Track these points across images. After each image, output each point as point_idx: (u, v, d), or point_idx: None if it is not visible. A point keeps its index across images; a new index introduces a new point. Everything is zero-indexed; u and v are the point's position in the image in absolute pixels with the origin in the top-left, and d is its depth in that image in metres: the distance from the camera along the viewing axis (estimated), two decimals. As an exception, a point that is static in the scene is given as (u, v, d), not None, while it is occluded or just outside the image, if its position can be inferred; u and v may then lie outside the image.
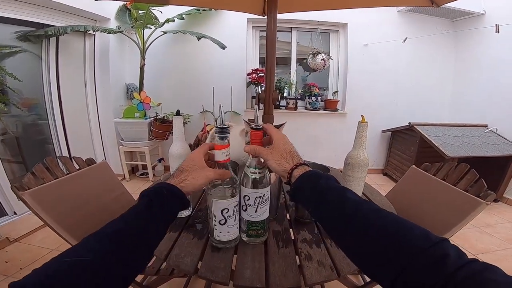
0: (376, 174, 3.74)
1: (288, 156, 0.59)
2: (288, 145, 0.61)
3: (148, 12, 2.70)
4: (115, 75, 3.05)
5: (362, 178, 1.02)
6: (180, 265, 0.72)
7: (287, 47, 3.63)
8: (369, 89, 3.52)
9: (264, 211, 0.70)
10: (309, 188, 0.52)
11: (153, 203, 0.50)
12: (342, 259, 0.74)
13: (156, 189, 0.53)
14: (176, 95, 3.37)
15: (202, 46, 3.15)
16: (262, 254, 0.77)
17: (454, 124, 3.11)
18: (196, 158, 0.61)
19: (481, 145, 2.71)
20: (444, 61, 3.55)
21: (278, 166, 0.59)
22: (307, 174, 0.55)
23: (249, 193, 0.68)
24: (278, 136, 0.63)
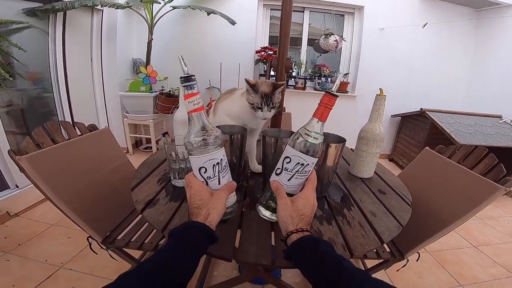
0: (382, 159, 3.69)
1: (296, 218, 0.56)
2: (305, 208, 0.57)
3: None
4: (122, 50, 3.00)
5: (376, 154, 0.97)
6: None
7: (299, 28, 3.55)
8: (382, 73, 3.43)
9: (297, 184, 0.60)
10: (307, 252, 0.51)
11: (183, 241, 0.51)
12: (355, 238, 0.69)
13: (185, 228, 0.53)
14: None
15: (211, 22, 3.07)
16: (268, 227, 0.72)
17: (467, 113, 3.02)
18: (201, 188, 0.59)
19: (494, 135, 2.63)
20: (462, 50, 3.43)
21: (282, 223, 0.57)
22: (307, 238, 0.52)
23: (293, 155, 0.58)
24: (304, 195, 0.60)
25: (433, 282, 1.59)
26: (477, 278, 1.63)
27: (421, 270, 1.67)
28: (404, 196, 0.95)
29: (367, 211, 0.83)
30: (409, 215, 0.83)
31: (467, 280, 1.61)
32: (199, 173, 0.58)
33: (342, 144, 0.78)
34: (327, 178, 0.83)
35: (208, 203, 0.57)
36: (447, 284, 1.58)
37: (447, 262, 1.76)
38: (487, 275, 1.67)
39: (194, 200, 0.57)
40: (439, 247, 1.90)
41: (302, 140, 0.58)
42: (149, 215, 0.73)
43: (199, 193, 0.58)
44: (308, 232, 0.54)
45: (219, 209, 0.57)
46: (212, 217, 0.55)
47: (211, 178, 0.59)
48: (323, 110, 0.57)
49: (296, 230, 0.53)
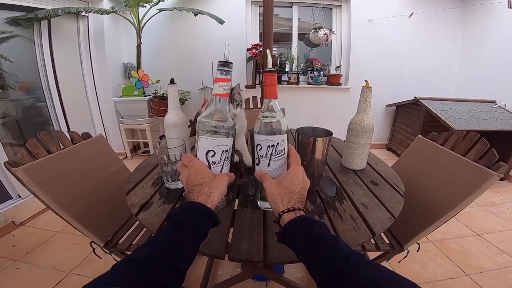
0: (380, 149, 3.72)
1: (286, 196, 0.53)
2: (294, 184, 0.55)
3: None
4: (112, 55, 2.99)
5: (366, 145, 0.97)
6: None
7: (288, 23, 3.55)
8: (373, 64, 3.43)
9: (279, 166, 0.59)
10: (300, 234, 0.48)
11: (181, 223, 0.48)
12: (346, 232, 0.69)
13: (184, 209, 0.50)
14: (175, 72, 3.30)
15: (200, 23, 3.07)
16: (261, 225, 0.73)
17: (461, 99, 3.01)
18: (204, 168, 0.56)
19: (489, 120, 2.62)
20: (451, 38, 3.44)
21: (272, 203, 0.54)
22: (300, 219, 0.49)
23: (261, 141, 0.59)
24: (290, 172, 0.57)
25: (438, 272, 1.56)
26: (483, 267, 1.60)
27: (425, 260, 1.65)
28: (397, 187, 0.95)
29: (359, 203, 0.83)
30: (401, 206, 0.82)
31: (473, 269, 1.58)
32: (205, 155, 0.57)
33: (328, 138, 0.78)
34: (317, 171, 0.83)
35: (211, 182, 0.54)
36: (452, 273, 1.56)
37: (451, 252, 1.74)
38: (493, 263, 1.63)
39: (195, 178, 0.54)
40: (442, 236, 1.87)
41: (262, 123, 0.59)
42: (144, 218, 0.75)
43: (202, 171, 0.55)
44: (301, 210, 0.51)
45: (221, 189, 0.55)
46: (213, 197, 0.53)
47: (216, 163, 0.58)
48: (269, 88, 0.58)
49: (288, 209, 0.51)
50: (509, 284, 1.47)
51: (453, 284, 1.48)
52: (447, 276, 1.53)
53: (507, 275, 1.54)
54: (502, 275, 1.55)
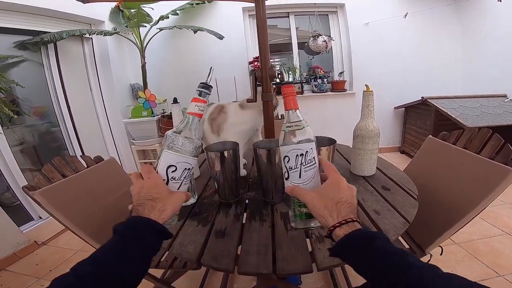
0: (393, 153, 3.64)
1: (334, 208, 0.48)
2: (339, 193, 0.50)
3: (139, 10, 2.68)
4: (118, 76, 3.07)
5: (373, 150, 0.95)
6: (183, 254, 0.68)
7: (287, 33, 3.58)
8: (376, 67, 3.42)
9: (311, 176, 0.54)
10: (360, 249, 0.44)
11: (128, 237, 0.46)
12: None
13: (131, 223, 0.48)
14: (180, 90, 3.34)
15: (200, 39, 3.13)
16: (269, 238, 0.72)
17: (469, 96, 2.96)
18: (161, 183, 0.55)
19: (502, 114, 2.55)
20: (450, 35, 3.42)
21: (320, 217, 0.50)
22: (357, 233, 0.45)
23: (288, 152, 0.55)
24: (331, 180, 0.53)
25: (468, 274, 1.47)
26: None
27: (452, 263, 1.57)
28: (410, 190, 0.92)
29: (371, 210, 0.80)
30: (415, 210, 0.79)
31: (506, 270, 1.49)
32: (166, 169, 0.56)
33: (332, 146, 0.77)
34: (324, 180, 0.82)
35: (165, 199, 0.52)
36: (483, 275, 1.48)
37: (479, 253, 1.65)
38: None
39: (150, 191, 0.52)
40: (468, 237, 1.79)
41: (287, 133, 0.57)
42: None
43: (158, 186, 0.53)
44: (355, 222, 0.47)
45: (175, 207, 0.53)
46: (166, 214, 0.51)
47: (175, 179, 0.56)
48: (289, 99, 0.58)
49: (339, 223, 0.46)
50: None
51: (488, 285, 1.39)
52: (478, 278, 1.45)
53: None
54: None
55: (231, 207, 0.89)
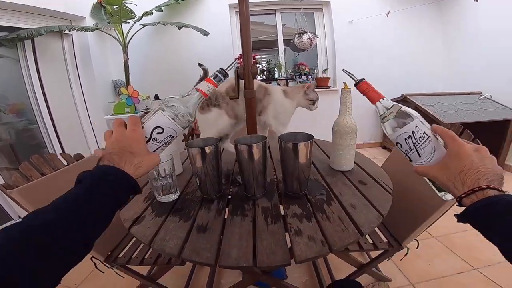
0: (374, 148, 3.75)
1: (456, 179, 0.45)
2: (460, 162, 0.46)
3: (122, 6, 2.64)
4: (100, 72, 3.01)
5: (351, 146, 0.99)
6: (165, 249, 0.69)
7: (274, 30, 3.61)
8: (359, 64, 3.49)
9: (431, 151, 0.51)
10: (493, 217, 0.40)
11: (95, 188, 0.43)
12: (334, 233, 0.70)
13: (99, 174, 0.45)
14: (164, 86, 3.34)
15: (185, 36, 3.10)
16: (250, 232, 0.74)
17: (447, 93, 3.08)
18: (142, 139, 0.53)
19: (477, 111, 2.68)
20: (431, 33, 3.52)
21: (448, 190, 0.48)
22: (487, 201, 0.41)
23: (396, 139, 0.54)
24: (450, 150, 0.49)
25: (445, 268, 1.55)
26: (491, 260, 1.57)
27: (430, 257, 1.64)
28: (385, 185, 0.95)
29: (347, 204, 0.84)
30: (389, 204, 0.83)
31: (480, 263, 1.56)
32: (153, 129, 0.55)
33: (310, 142, 0.79)
34: (303, 175, 0.84)
35: (144, 156, 0.51)
36: (459, 268, 1.54)
37: (456, 246, 1.72)
38: (501, 256, 1.59)
39: (131, 144, 0.50)
40: (445, 231, 1.85)
41: (386, 124, 0.55)
42: (136, 231, 0.77)
43: (140, 142, 0.52)
44: (487, 189, 0.42)
45: (149, 168, 0.52)
46: (140, 171, 0.50)
47: (157, 141, 0.56)
48: (372, 93, 0.57)
49: (465, 193, 0.43)
50: None
51: (462, 279, 1.46)
52: (455, 271, 1.52)
53: None
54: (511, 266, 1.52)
55: (213, 203, 0.90)
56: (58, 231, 0.37)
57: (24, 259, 0.33)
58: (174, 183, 0.92)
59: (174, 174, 0.91)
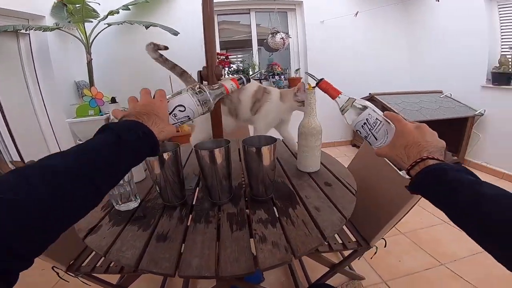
0: (345, 146, 3.84)
1: (403, 154, 0.51)
2: (404, 138, 0.52)
3: (84, 5, 2.51)
4: (61, 73, 2.82)
5: (316, 147, 0.99)
6: (121, 260, 0.66)
7: (249, 30, 3.60)
8: (330, 64, 3.55)
9: (384, 133, 0.58)
10: (432, 184, 0.45)
11: (123, 140, 0.44)
12: (298, 238, 0.70)
13: (129, 126, 0.48)
14: (133, 87, 3.12)
15: (155, 35, 2.97)
16: (214, 239, 0.72)
17: (411, 92, 3.22)
18: (166, 109, 0.57)
19: (438, 109, 2.82)
20: (397, 33, 3.65)
21: (399, 166, 0.53)
22: (427, 169, 0.46)
23: (355, 127, 0.62)
24: (396, 130, 0.55)
25: (414, 264, 1.58)
26: (456, 255, 1.63)
27: (400, 254, 1.67)
28: (350, 186, 0.97)
29: (312, 207, 0.83)
30: (353, 205, 0.84)
31: (447, 258, 1.61)
32: (175, 106, 0.60)
33: (273, 145, 0.78)
34: (268, 178, 0.83)
35: (166, 123, 0.56)
36: (428, 264, 1.58)
37: (423, 242, 1.76)
38: (465, 250, 1.65)
39: (158, 111, 0.54)
40: (412, 227, 1.90)
41: (345, 115, 0.63)
42: (91, 241, 0.74)
43: (165, 111, 0.57)
44: (427, 159, 0.47)
45: (167, 136, 0.55)
46: (162, 135, 0.53)
47: (176, 117, 0.60)
48: (330, 91, 0.66)
49: (410, 165, 0.49)
50: (484, 269, 1.49)
51: (431, 275, 1.50)
52: (424, 267, 1.55)
53: (480, 260, 1.56)
54: (475, 260, 1.57)
55: (175, 210, 0.87)
56: (76, 176, 0.37)
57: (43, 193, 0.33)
58: (133, 190, 0.87)
59: (132, 182, 0.87)
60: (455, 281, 1.45)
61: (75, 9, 2.61)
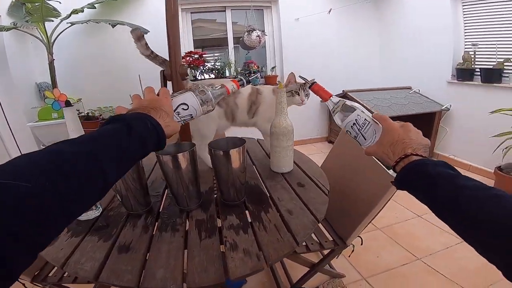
0: (321, 143, 3.87)
1: (389, 151, 0.53)
2: (390, 136, 0.54)
3: (43, 4, 2.34)
4: (20, 75, 2.62)
5: (288, 147, 0.97)
6: (79, 272, 0.62)
7: (224, 28, 3.54)
8: (305, 62, 3.57)
9: (373, 133, 0.60)
10: (415, 179, 0.47)
11: (133, 129, 0.43)
12: (270, 244, 0.68)
13: (138, 116, 0.47)
14: (100, 88, 3.06)
15: (124, 34, 2.84)
16: (181, 249, 0.68)
17: (382, 88, 3.30)
18: (171, 107, 0.57)
19: (408, 105, 2.92)
20: (370, 31, 3.72)
21: (386, 163, 0.55)
22: (410, 165, 0.48)
23: (345, 127, 0.63)
24: (383, 129, 0.56)
25: (391, 260, 1.59)
26: (430, 249, 1.65)
27: (377, 250, 1.68)
28: (323, 186, 0.95)
29: (284, 210, 0.81)
30: (326, 206, 0.83)
31: (422, 252, 1.63)
32: (178, 104, 0.59)
33: (242, 147, 0.75)
34: (239, 181, 0.80)
35: (172, 119, 0.55)
36: (404, 259, 1.59)
37: (399, 237, 1.77)
38: (439, 244, 1.68)
39: (164, 106, 0.54)
40: (388, 222, 1.92)
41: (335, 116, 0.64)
42: (47, 253, 0.69)
43: (170, 107, 0.56)
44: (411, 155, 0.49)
45: (174, 131, 0.54)
46: (168, 129, 0.52)
47: (179, 115, 0.60)
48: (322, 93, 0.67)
49: (396, 162, 0.51)
50: (458, 263, 1.53)
51: (408, 270, 1.52)
52: (401, 263, 1.57)
53: (453, 254, 1.60)
54: (449, 254, 1.60)
55: (140, 218, 0.81)
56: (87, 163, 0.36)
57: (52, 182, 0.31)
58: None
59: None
60: (431, 276, 1.48)
61: (34, 8, 2.42)
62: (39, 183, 0.30)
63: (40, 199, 0.29)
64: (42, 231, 0.29)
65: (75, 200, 0.34)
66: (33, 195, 0.28)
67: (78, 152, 0.36)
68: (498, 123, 2.22)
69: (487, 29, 2.56)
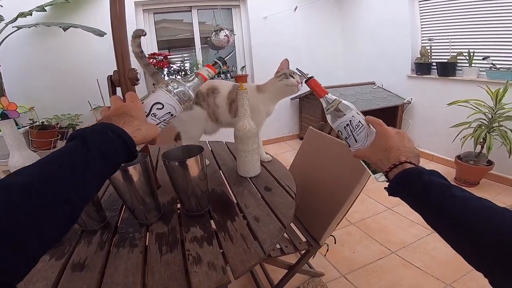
0: (293, 140, 3.91)
1: (383, 157, 0.53)
2: (385, 142, 0.54)
3: None
4: (-38, 83, 2.36)
5: (254, 150, 0.94)
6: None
7: (190, 28, 3.45)
8: (274, 60, 3.45)
9: (365, 136, 0.59)
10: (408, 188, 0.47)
11: (90, 143, 0.39)
12: (236, 256, 0.65)
13: (95, 128, 0.42)
14: (55, 95, 2.85)
15: (80, 37, 2.67)
16: (140, 265, 0.64)
17: (348, 84, 3.38)
18: (141, 109, 0.52)
19: (372, 100, 3.02)
20: (332, 28, 3.80)
21: (378, 168, 0.55)
22: (404, 173, 0.48)
23: (337, 127, 0.62)
24: (378, 133, 0.56)
25: (367, 254, 1.61)
26: (403, 242, 1.67)
27: (353, 245, 1.68)
28: (289, 188, 0.94)
29: (251, 217, 0.79)
30: (292, 211, 0.82)
31: (396, 246, 1.65)
32: (153, 105, 0.54)
33: (200, 156, 0.71)
34: (199, 190, 0.76)
35: (143, 122, 0.49)
36: (379, 253, 1.61)
37: (372, 231, 1.79)
38: (410, 236, 1.71)
39: (130, 110, 0.49)
40: (360, 216, 1.95)
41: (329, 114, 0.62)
42: None
43: (140, 110, 0.51)
44: (405, 163, 0.49)
45: (147, 136, 0.49)
46: (139, 134, 0.47)
47: (156, 117, 0.55)
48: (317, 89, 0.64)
49: (389, 168, 0.51)
50: (430, 254, 1.56)
51: (384, 264, 1.54)
52: (376, 257, 1.58)
53: (425, 245, 1.63)
54: (421, 246, 1.64)
55: (95, 234, 0.76)
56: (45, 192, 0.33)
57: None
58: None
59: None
60: (407, 269, 1.50)
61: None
62: None
63: None
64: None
65: (37, 236, 0.31)
66: None
67: (29, 184, 0.32)
68: (456, 114, 2.37)
69: (441, 24, 2.70)
